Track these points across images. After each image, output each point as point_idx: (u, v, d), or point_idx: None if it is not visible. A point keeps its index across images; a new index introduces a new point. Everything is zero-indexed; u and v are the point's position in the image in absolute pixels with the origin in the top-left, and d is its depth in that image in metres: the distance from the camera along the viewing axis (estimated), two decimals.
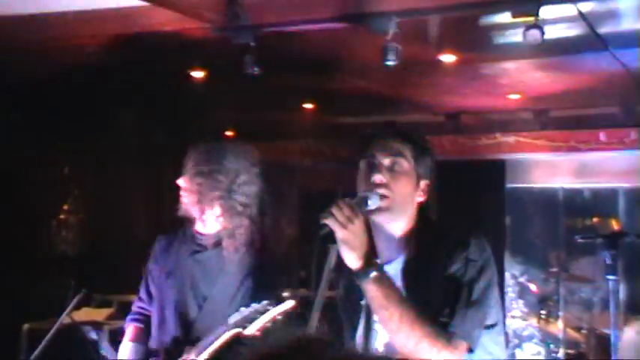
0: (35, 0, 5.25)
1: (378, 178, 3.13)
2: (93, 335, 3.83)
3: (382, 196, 3.09)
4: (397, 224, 3.19)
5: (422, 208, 3.25)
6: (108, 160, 7.15)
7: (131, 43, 5.78)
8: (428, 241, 3.18)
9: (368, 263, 2.93)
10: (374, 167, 3.17)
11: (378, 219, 3.16)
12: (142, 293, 4.22)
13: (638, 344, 6.13)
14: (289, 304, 3.88)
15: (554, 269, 7.95)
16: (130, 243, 7.04)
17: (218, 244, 4.03)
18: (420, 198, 3.21)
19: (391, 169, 3.16)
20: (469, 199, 3.09)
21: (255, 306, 3.85)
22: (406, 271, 3.14)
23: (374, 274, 2.92)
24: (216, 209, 4.04)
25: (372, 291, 2.94)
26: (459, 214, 3.27)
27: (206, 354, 3.80)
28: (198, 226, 4.11)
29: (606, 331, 5.80)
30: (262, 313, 3.83)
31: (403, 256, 3.19)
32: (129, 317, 4.22)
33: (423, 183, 3.22)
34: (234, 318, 3.82)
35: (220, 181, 4.03)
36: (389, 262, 3.20)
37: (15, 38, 5.74)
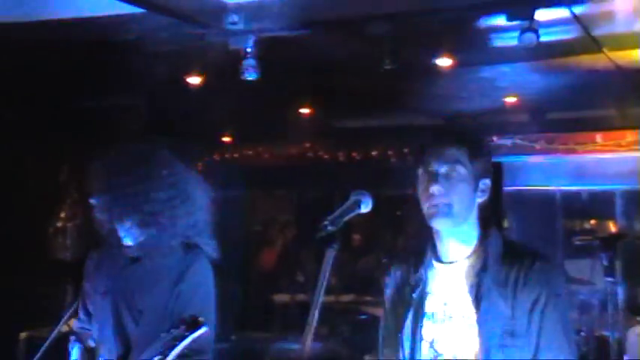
0: (40, 7, 5.23)
1: (435, 188, 3.14)
2: (91, 343, 3.77)
3: (440, 205, 3.11)
4: (461, 228, 3.20)
5: (485, 208, 3.26)
6: None
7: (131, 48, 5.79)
8: (494, 249, 3.19)
9: None
10: (431, 177, 3.18)
11: (441, 226, 3.18)
12: (81, 313, 4.11)
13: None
14: (204, 329, 3.83)
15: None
16: None
17: (140, 256, 3.95)
18: (480, 199, 3.22)
19: (448, 177, 3.17)
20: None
21: (173, 332, 3.81)
22: (471, 274, 3.17)
23: None
24: (128, 222, 4.03)
25: None
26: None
27: None
28: (125, 239, 4.09)
29: (605, 333, 5.78)
30: (180, 339, 3.78)
31: (469, 259, 3.20)
32: (72, 338, 4.20)
33: (482, 183, 3.22)
34: (154, 347, 3.79)
35: (126, 193, 3.92)
36: (453, 262, 3.22)
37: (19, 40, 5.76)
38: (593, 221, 7.35)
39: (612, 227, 7.70)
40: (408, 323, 3.29)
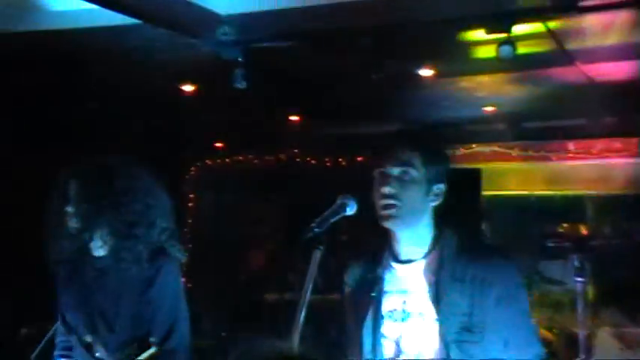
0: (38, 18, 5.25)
1: (387, 190, 3.19)
2: (87, 339, 3.79)
3: (391, 206, 3.15)
4: (414, 229, 3.25)
5: (439, 212, 3.29)
6: None
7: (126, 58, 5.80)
8: (449, 249, 3.23)
9: None
10: (384, 178, 3.22)
11: (391, 227, 3.23)
12: (60, 325, 4.14)
13: (606, 344, 6.18)
14: (152, 350, 3.86)
15: (526, 272, 7.99)
16: None
17: (113, 265, 3.95)
18: (434, 202, 3.25)
19: (400, 179, 3.21)
20: (448, 205, 3.12)
21: (125, 352, 3.84)
22: (428, 273, 3.19)
23: None
24: (103, 232, 4.03)
25: None
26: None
27: None
28: (96, 250, 4.09)
29: (575, 330, 5.85)
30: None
31: (425, 259, 3.24)
32: (55, 353, 4.15)
33: (436, 188, 3.25)
34: None
35: (103, 204, 3.93)
36: (409, 262, 3.26)
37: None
38: (565, 225, 7.40)
39: (583, 230, 7.76)
40: (368, 322, 3.35)
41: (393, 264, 3.31)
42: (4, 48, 5.62)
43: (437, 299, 3.16)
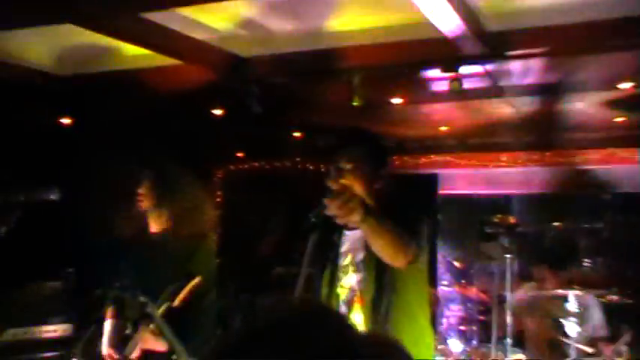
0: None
1: (332, 179, 3.20)
2: (141, 299, 3.79)
3: (338, 193, 3.14)
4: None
5: (380, 195, 3.32)
6: None
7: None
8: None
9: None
10: (334, 171, 3.25)
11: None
12: (117, 284, 4.15)
13: (526, 300, 6.23)
14: (196, 279, 3.89)
15: (470, 251, 8.04)
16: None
17: (164, 240, 4.02)
18: (378, 186, 3.28)
19: (348, 171, 3.24)
20: (412, 201, 3.18)
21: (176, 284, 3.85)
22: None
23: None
24: (165, 212, 4.05)
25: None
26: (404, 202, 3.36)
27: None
28: (152, 226, 4.12)
29: (504, 293, 5.90)
30: (182, 287, 3.85)
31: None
32: (108, 301, 4.20)
33: (377, 174, 3.28)
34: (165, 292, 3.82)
35: (173, 189, 4.07)
36: (354, 227, 3.28)
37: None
38: (499, 216, 7.40)
39: (511, 220, 7.77)
40: (327, 273, 3.39)
41: (345, 231, 3.37)
42: (94, 84, 5.73)
43: (370, 255, 3.21)
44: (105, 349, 4.02)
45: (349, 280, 3.34)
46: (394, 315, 3.24)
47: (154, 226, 4.16)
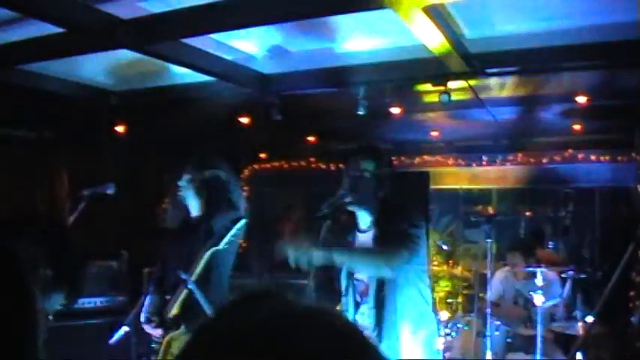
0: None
1: (347, 185, 3.21)
2: (182, 276, 3.78)
3: (351, 196, 3.18)
4: (366, 211, 3.27)
5: (385, 200, 3.32)
6: None
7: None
8: (389, 222, 3.26)
9: None
10: (348, 177, 3.25)
11: (350, 209, 3.26)
12: (159, 266, 4.14)
13: (502, 278, 6.23)
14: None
15: (457, 236, 8.03)
16: None
17: (202, 222, 3.98)
18: (382, 194, 3.28)
19: (359, 178, 3.24)
20: (407, 195, 3.19)
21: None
22: (375, 237, 3.22)
23: None
24: (201, 200, 4.04)
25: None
26: (402, 203, 3.34)
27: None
28: (193, 212, 4.10)
29: (485, 271, 5.90)
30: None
31: (374, 229, 3.28)
32: (151, 280, 4.18)
33: (383, 185, 3.28)
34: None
35: (208, 179, 4.02)
36: (365, 231, 3.29)
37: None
38: (480, 206, 7.40)
39: (491, 210, 7.76)
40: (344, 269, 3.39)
41: (357, 232, 3.37)
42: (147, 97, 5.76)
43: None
44: (143, 316, 4.00)
45: (361, 274, 3.35)
46: (399, 304, 3.24)
47: (195, 211, 4.16)
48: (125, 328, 3.94)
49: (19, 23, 3.98)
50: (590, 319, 5.08)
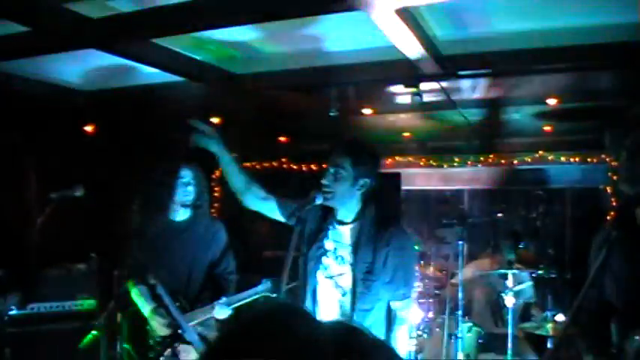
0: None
1: (324, 182, 3.21)
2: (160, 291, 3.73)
3: (326, 192, 3.18)
4: (345, 205, 3.27)
5: (366, 196, 3.31)
6: None
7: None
8: (367, 219, 3.26)
9: None
10: (326, 173, 3.25)
11: (327, 204, 3.27)
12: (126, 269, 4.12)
13: (473, 278, 6.28)
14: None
15: (429, 237, 8.05)
16: None
17: (188, 227, 4.08)
18: (360, 191, 3.27)
19: (335, 175, 3.23)
20: (381, 195, 3.21)
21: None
22: (352, 233, 3.27)
23: None
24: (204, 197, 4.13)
25: None
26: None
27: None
28: (177, 217, 4.16)
29: (457, 272, 5.94)
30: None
31: (353, 223, 3.27)
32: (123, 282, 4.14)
33: (362, 181, 3.26)
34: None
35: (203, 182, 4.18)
36: (344, 224, 3.28)
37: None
38: (451, 207, 7.41)
39: (463, 212, 7.80)
40: (314, 263, 3.37)
41: (335, 224, 3.36)
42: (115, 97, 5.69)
43: (354, 251, 3.23)
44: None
45: (333, 270, 3.32)
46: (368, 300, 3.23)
47: (179, 216, 4.14)
48: (94, 332, 3.88)
49: None
50: (560, 317, 5.15)
